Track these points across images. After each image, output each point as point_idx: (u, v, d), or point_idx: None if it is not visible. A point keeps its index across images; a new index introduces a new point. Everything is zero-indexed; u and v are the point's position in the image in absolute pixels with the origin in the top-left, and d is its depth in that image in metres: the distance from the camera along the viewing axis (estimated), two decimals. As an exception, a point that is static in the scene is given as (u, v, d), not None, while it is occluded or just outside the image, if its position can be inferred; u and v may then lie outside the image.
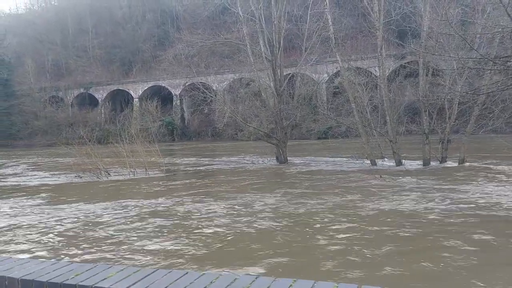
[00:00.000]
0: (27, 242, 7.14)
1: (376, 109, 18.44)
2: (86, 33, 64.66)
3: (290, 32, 30.64)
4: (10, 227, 8.38)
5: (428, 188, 10.91)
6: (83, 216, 9.03)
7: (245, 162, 20.39)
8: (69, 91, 57.15)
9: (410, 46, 20.65)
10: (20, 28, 67.53)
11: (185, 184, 14.43)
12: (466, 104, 15.63)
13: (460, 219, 7.51)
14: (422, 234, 6.68)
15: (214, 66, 42.79)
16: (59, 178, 16.70)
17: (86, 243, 6.87)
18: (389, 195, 10.06)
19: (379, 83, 17.19)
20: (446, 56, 13.27)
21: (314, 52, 23.70)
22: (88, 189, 13.63)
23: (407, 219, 7.64)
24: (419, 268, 5.17)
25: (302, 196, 10.54)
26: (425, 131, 15.70)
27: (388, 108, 16.31)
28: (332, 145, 27.18)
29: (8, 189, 14.42)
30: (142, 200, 10.80)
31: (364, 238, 6.53)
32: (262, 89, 21.03)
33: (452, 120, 15.44)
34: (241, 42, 22.75)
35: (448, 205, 8.73)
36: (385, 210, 8.52)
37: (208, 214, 8.70)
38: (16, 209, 10.37)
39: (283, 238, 6.71)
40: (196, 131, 49.92)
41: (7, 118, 54.34)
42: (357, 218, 7.89)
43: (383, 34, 16.88)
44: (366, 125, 17.09)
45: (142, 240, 6.83)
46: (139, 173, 16.74)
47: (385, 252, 5.81)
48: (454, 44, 13.94)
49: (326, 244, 6.26)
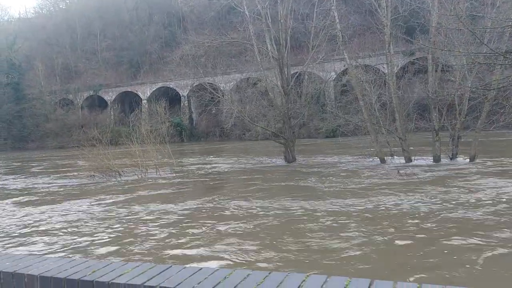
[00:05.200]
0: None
1: (385, 106, 18.33)
2: (95, 36, 65.17)
3: (297, 31, 30.57)
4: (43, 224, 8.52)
5: (441, 185, 10.83)
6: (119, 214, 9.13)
7: (254, 162, 20.42)
8: (78, 93, 57.67)
9: (419, 42, 20.46)
10: (30, 32, 68.27)
11: (199, 184, 14.51)
12: (476, 100, 15.48)
13: (481, 217, 7.45)
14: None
15: (221, 66, 42.78)
16: (81, 180, 16.68)
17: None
18: (408, 192, 10.02)
19: (388, 80, 17.09)
20: (456, 51, 13.15)
21: (321, 50, 23.59)
22: (107, 189, 13.77)
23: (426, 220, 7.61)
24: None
25: (321, 197, 10.54)
26: (435, 127, 15.58)
27: (397, 105, 16.22)
28: (341, 144, 27.08)
29: (15, 192, 14.62)
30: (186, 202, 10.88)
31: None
32: (269, 88, 21.02)
33: (463, 116, 15.30)
34: (248, 42, 22.76)
35: (463, 202, 8.67)
36: (405, 209, 8.49)
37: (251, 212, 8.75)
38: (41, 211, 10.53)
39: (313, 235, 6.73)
40: (204, 131, 50.05)
41: (18, 121, 55.07)
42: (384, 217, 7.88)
43: (391, 31, 16.79)
44: (375, 122, 17.01)
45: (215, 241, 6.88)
46: (154, 173, 16.81)
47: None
48: (464, 39, 13.80)
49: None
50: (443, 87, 16.37)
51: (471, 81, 14.34)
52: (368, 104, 17.10)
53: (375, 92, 17.29)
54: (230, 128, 40.96)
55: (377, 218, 7.62)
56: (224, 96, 26.48)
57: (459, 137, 15.59)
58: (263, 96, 24.85)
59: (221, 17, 54.84)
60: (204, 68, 38.43)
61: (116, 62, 61.82)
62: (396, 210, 8.24)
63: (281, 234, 6.92)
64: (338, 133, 30.98)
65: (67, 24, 68.59)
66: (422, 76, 20.93)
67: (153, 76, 56.05)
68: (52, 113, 54.86)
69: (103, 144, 17.24)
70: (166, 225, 8.02)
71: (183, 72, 50.00)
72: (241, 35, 25.72)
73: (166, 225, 7.98)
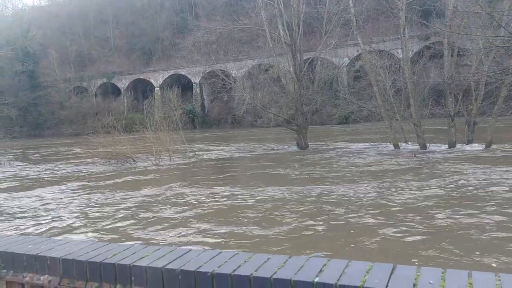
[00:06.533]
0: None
1: (399, 92, 18.09)
2: (107, 24, 65.31)
3: (309, 15, 30.12)
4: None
5: (455, 171, 10.71)
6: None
7: (266, 149, 20.41)
8: (92, 81, 58.11)
9: (435, 26, 20.03)
10: (44, 21, 68.71)
11: (214, 170, 14.61)
12: (493, 85, 15.18)
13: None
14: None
15: (232, 52, 42.58)
16: (110, 166, 16.66)
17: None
18: (419, 178, 9.94)
19: (402, 65, 16.83)
20: (473, 35, 12.88)
21: (334, 35, 23.27)
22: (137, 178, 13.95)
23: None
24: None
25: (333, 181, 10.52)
26: (450, 113, 15.36)
27: (411, 90, 15.99)
28: (354, 130, 26.89)
29: (44, 179, 14.91)
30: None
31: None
32: (281, 75, 20.87)
33: (479, 101, 15.04)
34: (260, 27, 22.55)
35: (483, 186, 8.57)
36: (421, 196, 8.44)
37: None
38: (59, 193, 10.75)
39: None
40: (216, 118, 50.15)
41: (34, 108, 55.89)
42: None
43: (406, 14, 16.46)
44: (389, 108, 16.82)
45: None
46: (175, 160, 16.94)
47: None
48: (481, 22, 13.47)
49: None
50: (459, 72, 16.05)
51: (488, 65, 14.04)
52: (382, 90, 16.89)
53: (390, 77, 17.06)
54: (242, 115, 40.92)
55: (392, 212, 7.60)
56: (236, 82, 26.37)
57: (475, 123, 15.35)
58: (275, 83, 24.70)
59: (233, 3, 54.35)
60: (215, 55, 38.25)
61: (129, 49, 61.98)
62: (419, 199, 8.19)
63: (311, 219, 6.93)
64: (350, 120, 30.78)
65: (80, 11, 68.84)
66: (437, 61, 20.52)
67: (165, 63, 56.10)
68: (67, 101, 55.47)
69: (118, 131, 17.42)
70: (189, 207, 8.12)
71: (195, 59, 49.84)
72: (253, 21, 25.47)
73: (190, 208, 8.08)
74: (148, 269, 1.80)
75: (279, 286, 1.54)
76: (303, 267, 1.61)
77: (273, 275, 1.57)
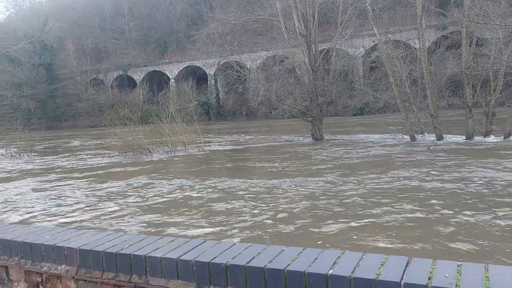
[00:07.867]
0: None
1: (416, 82, 17.81)
2: (123, 16, 65.68)
3: (325, 6, 29.79)
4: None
5: (476, 163, 10.54)
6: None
7: (281, 140, 20.35)
8: (108, 73, 58.74)
9: (452, 15, 19.61)
10: (60, 13, 69.48)
11: (231, 162, 14.66)
12: (513, 75, 14.84)
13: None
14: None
15: (247, 44, 42.50)
16: (128, 158, 16.61)
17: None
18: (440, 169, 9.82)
19: (419, 56, 16.56)
20: (492, 24, 12.56)
21: (350, 25, 23.01)
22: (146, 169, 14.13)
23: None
24: None
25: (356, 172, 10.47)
26: (468, 104, 15.08)
27: (428, 81, 15.73)
28: (369, 122, 26.62)
29: (67, 169, 15.19)
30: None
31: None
32: (296, 66, 20.77)
33: (498, 92, 14.73)
34: (275, 18, 22.43)
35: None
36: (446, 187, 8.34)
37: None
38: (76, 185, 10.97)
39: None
40: (231, 110, 50.24)
41: (52, 101, 56.88)
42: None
43: (423, 4, 16.15)
44: (405, 99, 16.58)
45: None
46: (190, 151, 17.00)
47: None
48: (500, 11, 13.15)
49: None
50: (477, 62, 15.72)
51: (508, 55, 13.72)
52: (398, 81, 16.66)
53: (406, 68, 16.80)
54: (257, 106, 40.98)
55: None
56: (251, 74, 26.35)
57: (494, 114, 15.05)
58: (290, 74, 24.59)
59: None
60: (230, 46, 38.25)
61: (144, 42, 62.33)
62: (437, 187, 8.10)
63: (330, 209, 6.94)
64: (365, 111, 30.50)
65: (96, 4, 69.36)
66: (455, 51, 20.17)
67: (180, 55, 56.28)
68: (83, 93, 56.23)
69: (134, 123, 17.59)
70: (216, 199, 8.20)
71: (209, 51, 49.99)
72: (267, 12, 25.35)
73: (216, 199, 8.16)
74: (163, 260, 1.82)
75: (293, 278, 1.55)
76: (317, 259, 1.61)
77: (287, 267, 1.58)
